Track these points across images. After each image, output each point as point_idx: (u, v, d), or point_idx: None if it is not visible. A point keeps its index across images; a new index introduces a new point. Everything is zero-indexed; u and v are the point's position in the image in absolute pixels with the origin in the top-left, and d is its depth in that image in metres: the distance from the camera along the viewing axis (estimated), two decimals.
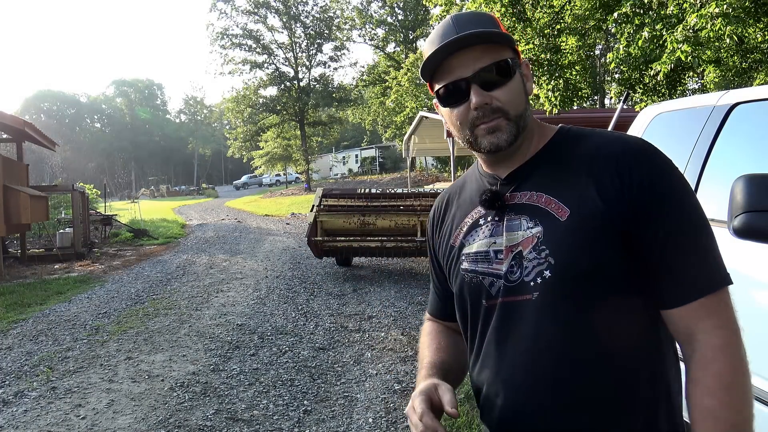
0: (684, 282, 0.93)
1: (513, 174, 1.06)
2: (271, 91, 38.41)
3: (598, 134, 1.05)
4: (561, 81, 9.45)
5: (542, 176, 1.03)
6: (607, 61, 12.96)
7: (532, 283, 0.98)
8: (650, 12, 7.57)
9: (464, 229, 1.11)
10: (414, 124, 16.96)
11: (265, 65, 37.56)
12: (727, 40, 6.56)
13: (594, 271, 0.94)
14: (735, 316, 0.94)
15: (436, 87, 1.04)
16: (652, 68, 7.41)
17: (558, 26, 10.29)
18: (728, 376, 0.89)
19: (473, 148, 1.05)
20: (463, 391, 3.77)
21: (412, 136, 17.98)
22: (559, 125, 1.11)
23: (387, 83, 32.52)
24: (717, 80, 10.81)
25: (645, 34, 7.19)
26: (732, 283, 0.95)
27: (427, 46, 1.03)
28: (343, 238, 8.22)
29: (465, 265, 1.08)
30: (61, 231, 12.77)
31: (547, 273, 0.96)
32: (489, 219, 1.07)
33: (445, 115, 1.06)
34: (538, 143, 1.07)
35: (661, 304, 0.96)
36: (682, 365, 1.00)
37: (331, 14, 38.35)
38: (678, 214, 0.95)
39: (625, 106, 5.84)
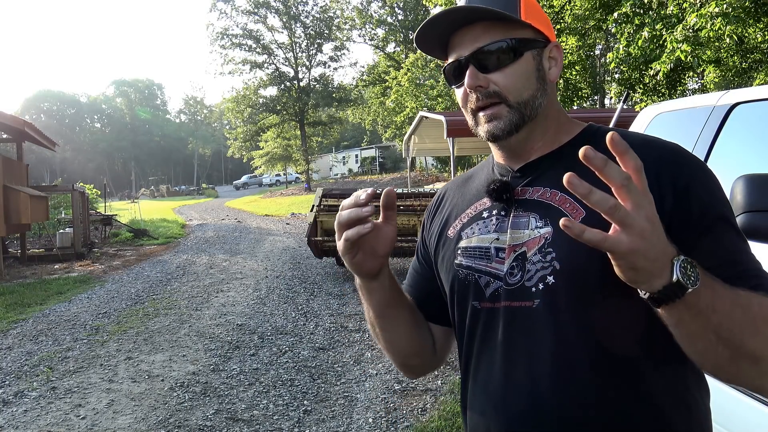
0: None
1: (527, 166, 0.96)
2: (271, 91, 38.54)
3: (629, 135, 0.94)
4: (561, 81, 9.46)
5: (561, 173, 0.90)
6: (607, 61, 12.96)
7: (533, 289, 0.88)
8: (650, 12, 7.57)
9: (464, 221, 1.00)
10: (414, 124, 16.94)
11: (265, 65, 37.64)
12: (727, 40, 6.57)
13: (604, 281, 0.81)
14: None
15: (445, 64, 0.97)
16: (652, 68, 7.41)
17: (558, 26, 10.30)
18: None
19: (476, 134, 0.97)
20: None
21: (412, 136, 17.96)
22: (588, 123, 1.01)
23: (387, 83, 32.52)
24: (717, 80, 10.83)
25: (645, 33, 7.19)
26: None
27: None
28: None
29: (460, 260, 0.98)
30: (61, 231, 12.75)
31: (550, 279, 0.86)
32: (494, 212, 0.96)
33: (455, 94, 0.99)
34: (561, 138, 0.97)
35: None
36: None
37: (331, 14, 38.41)
38: (723, 225, 0.85)
39: (625, 106, 5.84)
